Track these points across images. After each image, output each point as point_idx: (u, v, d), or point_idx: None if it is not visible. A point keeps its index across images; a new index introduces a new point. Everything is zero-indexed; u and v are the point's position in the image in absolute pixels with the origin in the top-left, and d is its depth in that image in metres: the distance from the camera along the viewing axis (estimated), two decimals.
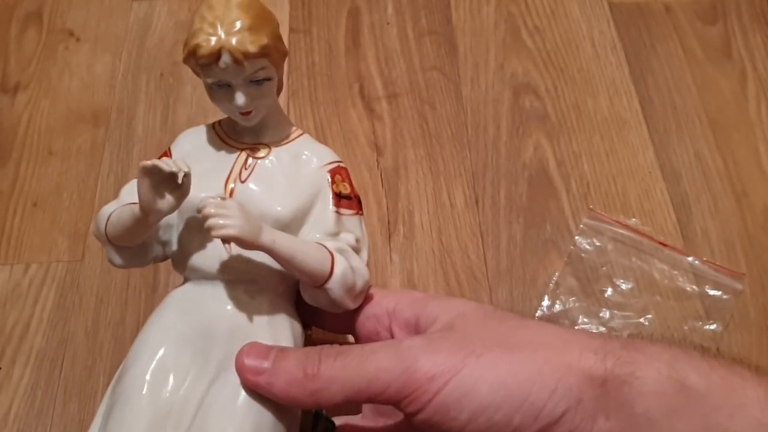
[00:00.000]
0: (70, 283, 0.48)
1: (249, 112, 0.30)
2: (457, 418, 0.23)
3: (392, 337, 0.30)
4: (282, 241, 0.27)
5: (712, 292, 0.46)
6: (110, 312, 0.46)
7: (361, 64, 0.58)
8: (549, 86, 0.56)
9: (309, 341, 0.33)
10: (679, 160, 0.52)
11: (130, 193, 0.30)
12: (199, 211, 0.26)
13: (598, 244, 0.48)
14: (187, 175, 0.26)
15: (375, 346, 0.26)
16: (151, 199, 0.27)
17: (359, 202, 0.32)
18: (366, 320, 0.31)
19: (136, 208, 0.27)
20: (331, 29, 0.60)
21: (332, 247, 0.29)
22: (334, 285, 0.29)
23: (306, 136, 0.33)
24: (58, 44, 0.60)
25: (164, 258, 0.32)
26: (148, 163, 0.26)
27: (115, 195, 0.32)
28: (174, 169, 0.26)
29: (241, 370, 0.27)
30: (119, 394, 0.28)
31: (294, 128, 0.33)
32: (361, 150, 0.53)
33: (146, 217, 0.28)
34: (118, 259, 0.31)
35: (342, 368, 0.25)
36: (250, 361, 0.27)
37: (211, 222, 0.26)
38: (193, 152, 0.31)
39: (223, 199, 0.27)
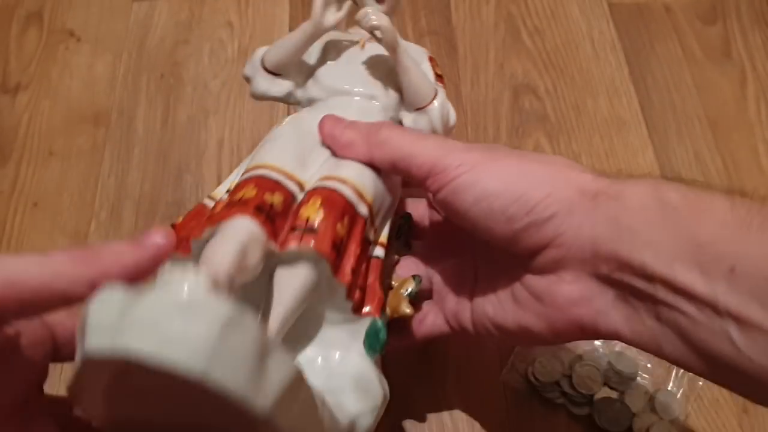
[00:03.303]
0: None
1: None
2: (464, 200, 0.29)
3: None
4: (406, 56, 0.35)
5: None
6: None
7: None
8: (549, 86, 0.56)
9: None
10: (679, 160, 0.53)
11: (263, 51, 0.38)
12: (359, 20, 0.34)
13: None
14: None
15: (428, 135, 0.35)
16: (323, 5, 0.34)
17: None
18: None
19: (306, 24, 0.35)
20: None
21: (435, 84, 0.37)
22: (434, 109, 0.36)
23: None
24: (58, 44, 0.60)
25: (295, 102, 0.38)
26: None
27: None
28: None
29: (321, 122, 0.34)
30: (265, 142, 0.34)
31: None
32: None
33: (314, 30, 0.35)
34: (263, 85, 0.38)
35: (398, 136, 0.32)
36: (330, 119, 0.34)
37: (368, 17, 0.33)
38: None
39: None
